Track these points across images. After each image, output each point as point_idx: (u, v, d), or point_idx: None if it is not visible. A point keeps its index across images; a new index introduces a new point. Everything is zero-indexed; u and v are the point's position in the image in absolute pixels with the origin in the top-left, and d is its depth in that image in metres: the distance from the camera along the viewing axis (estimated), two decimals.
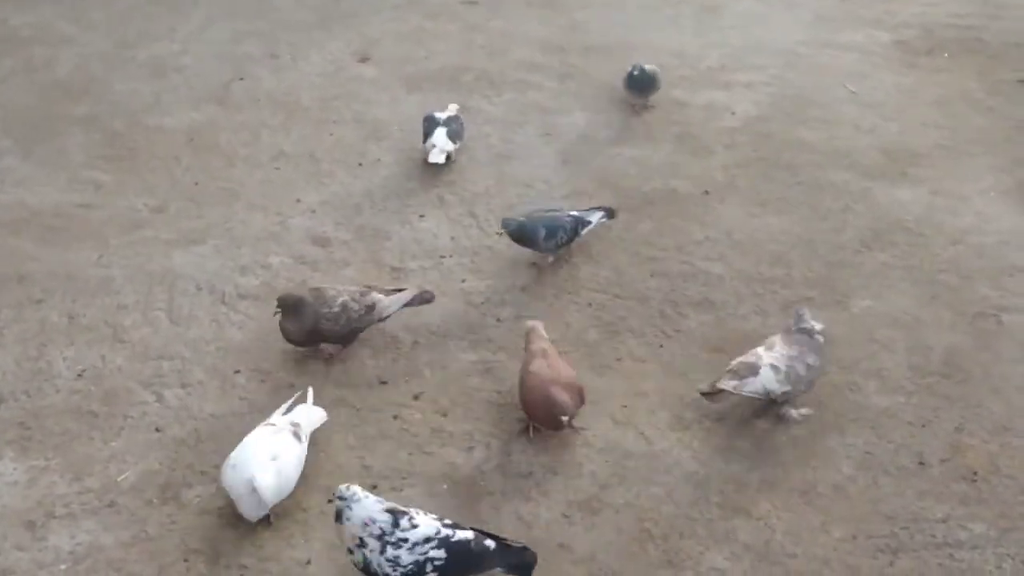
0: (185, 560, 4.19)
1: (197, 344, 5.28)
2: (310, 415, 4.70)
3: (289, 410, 4.68)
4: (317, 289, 5.21)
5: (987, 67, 8.25)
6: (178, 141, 7.02)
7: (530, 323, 5.09)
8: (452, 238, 6.12)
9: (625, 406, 4.98)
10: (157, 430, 4.78)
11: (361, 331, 5.26)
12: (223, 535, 4.29)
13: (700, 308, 5.60)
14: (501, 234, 5.87)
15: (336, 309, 5.10)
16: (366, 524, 3.84)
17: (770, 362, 4.76)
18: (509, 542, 4.05)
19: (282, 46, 8.29)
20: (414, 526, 3.88)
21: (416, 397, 5.03)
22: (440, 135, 6.65)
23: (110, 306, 5.50)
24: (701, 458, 4.72)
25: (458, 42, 8.48)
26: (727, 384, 4.77)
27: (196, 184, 6.57)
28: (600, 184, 6.64)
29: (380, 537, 3.84)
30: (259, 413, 4.86)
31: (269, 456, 4.32)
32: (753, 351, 4.86)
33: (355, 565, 3.92)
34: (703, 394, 4.86)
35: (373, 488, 4.50)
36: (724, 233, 6.19)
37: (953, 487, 4.57)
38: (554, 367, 4.76)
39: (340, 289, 5.21)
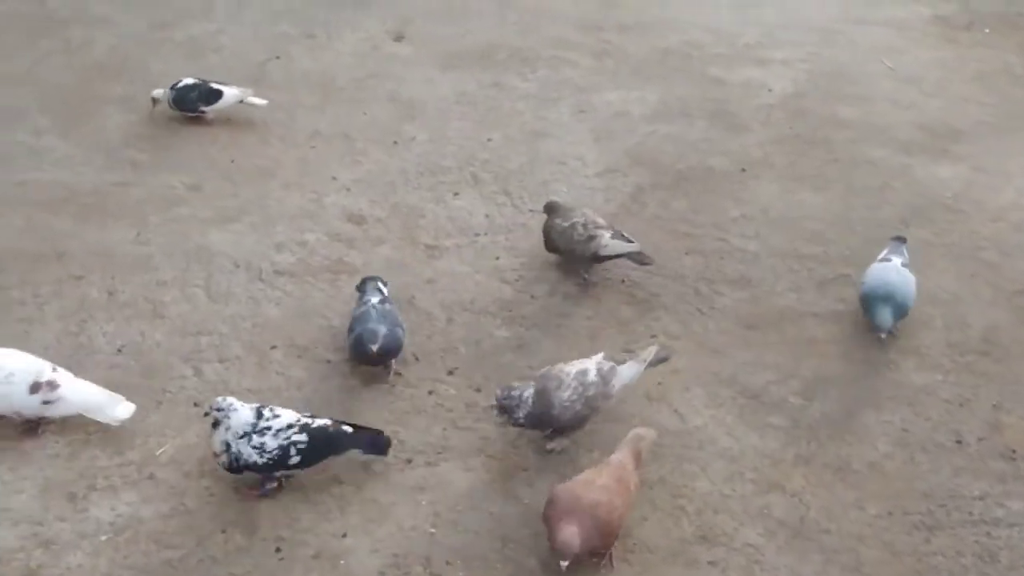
0: (223, 532, 4.25)
1: (234, 320, 5.33)
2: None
3: None
4: (566, 206, 5.70)
5: None
6: (214, 120, 7.06)
7: (640, 431, 4.45)
8: (486, 216, 6.13)
9: (659, 383, 4.97)
10: (195, 404, 4.82)
11: (579, 258, 5.56)
12: (260, 508, 4.34)
13: (735, 285, 5.58)
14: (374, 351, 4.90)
15: (566, 224, 5.50)
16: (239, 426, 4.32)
17: (586, 366, 4.59)
18: (365, 428, 4.53)
19: (318, 25, 8.29)
20: (276, 416, 4.39)
21: (451, 373, 5.05)
22: (231, 92, 6.90)
23: (149, 282, 5.56)
24: (735, 434, 4.71)
25: (492, 20, 8.45)
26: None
27: (232, 162, 6.61)
28: (634, 161, 6.62)
29: (246, 433, 4.31)
30: (296, 389, 4.92)
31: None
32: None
33: (223, 467, 4.37)
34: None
35: (408, 462, 4.55)
36: (760, 210, 6.16)
37: (991, 465, 4.54)
38: (591, 489, 4.07)
39: (584, 212, 5.59)
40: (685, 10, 8.62)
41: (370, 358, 4.87)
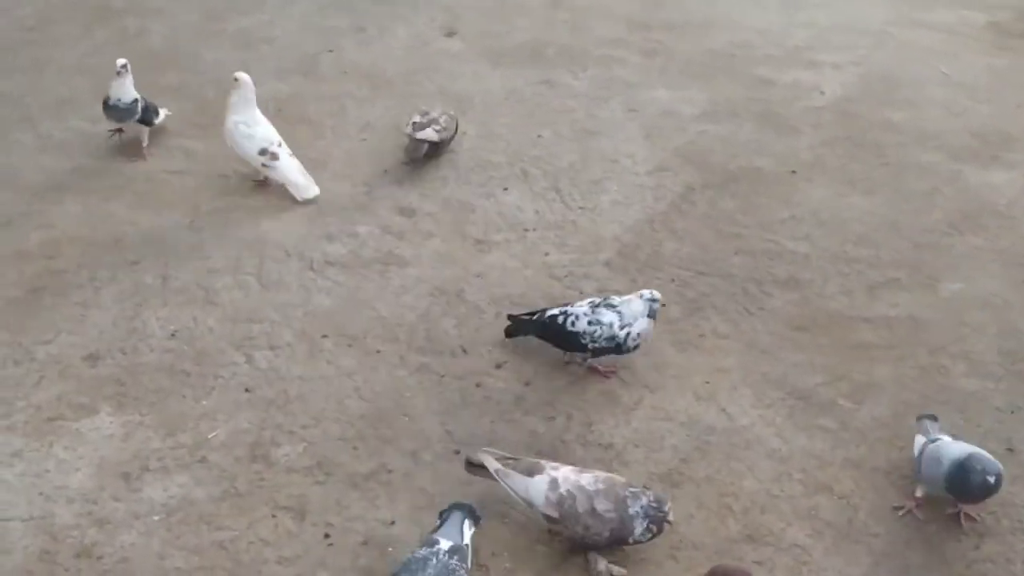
0: (273, 516, 4.29)
1: (286, 308, 5.38)
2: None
3: None
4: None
5: None
6: (266, 111, 7.06)
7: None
8: (536, 212, 6.15)
9: (707, 382, 4.97)
10: (247, 390, 4.88)
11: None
12: (310, 494, 4.38)
13: (785, 286, 5.56)
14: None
15: None
16: None
17: (556, 477, 4.08)
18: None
19: (369, 19, 8.36)
20: None
21: (499, 366, 5.07)
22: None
23: (201, 269, 5.63)
24: (784, 435, 4.70)
25: (542, 17, 8.49)
26: (491, 464, 4.20)
27: None
28: (684, 161, 6.61)
29: None
30: (346, 377, 4.95)
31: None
32: (564, 465, 4.20)
33: None
34: (468, 463, 4.31)
35: (456, 453, 4.57)
36: (810, 212, 6.14)
37: None
38: None
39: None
40: (734, 10, 8.63)
41: None
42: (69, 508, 4.30)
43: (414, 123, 6.46)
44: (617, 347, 4.90)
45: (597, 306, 4.92)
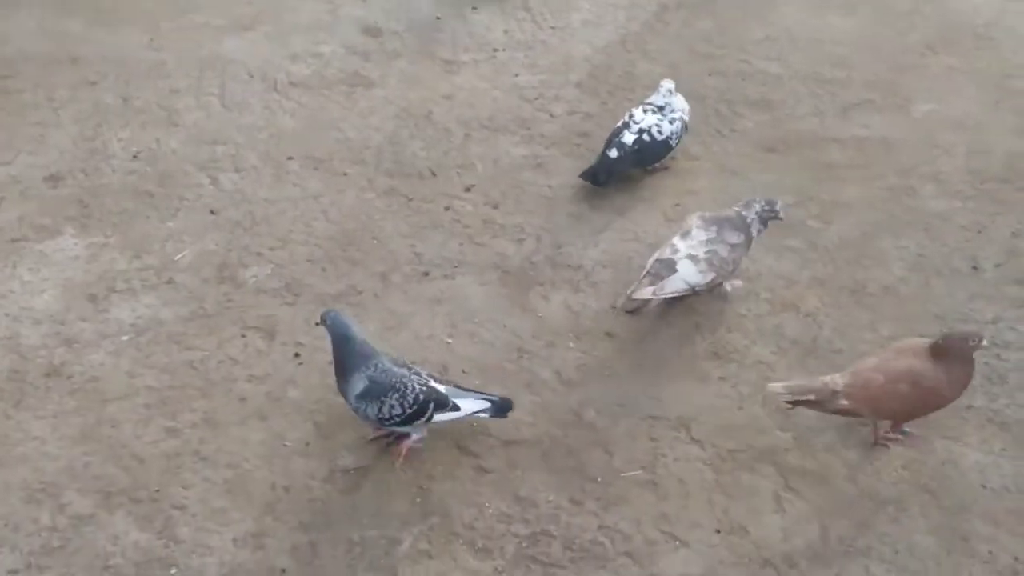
0: (243, 336, 4.31)
1: (250, 130, 5.28)
2: None
3: None
4: None
5: None
6: None
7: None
8: (505, 31, 5.99)
9: (677, 204, 4.95)
10: (212, 212, 4.84)
11: None
12: (279, 314, 4.39)
13: (757, 108, 5.49)
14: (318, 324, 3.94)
15: None
16: None
17: (687, 253, 4.30)
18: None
19: None
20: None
21: (468, 189, 5.03)
22: None
23: (163, 89, 5.49)
24: (752, 255, 4.69)
25: None
26: (645, 292, 4.26)
27: None
28: None
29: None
30: (312, 199, 4.90)
31: None
32: (669, 242, 4.36)
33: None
34: (628, 312, 4.39)
35: (425, 275, 4.57)
36: (784, 32, 6.01)
37: (1005, 290, 4.54)
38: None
39: None
40: None
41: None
42: (36, 329, 4.30)
43: None
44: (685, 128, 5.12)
45: (659, 109, 5.02)
